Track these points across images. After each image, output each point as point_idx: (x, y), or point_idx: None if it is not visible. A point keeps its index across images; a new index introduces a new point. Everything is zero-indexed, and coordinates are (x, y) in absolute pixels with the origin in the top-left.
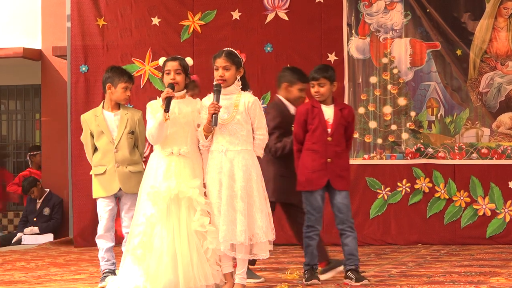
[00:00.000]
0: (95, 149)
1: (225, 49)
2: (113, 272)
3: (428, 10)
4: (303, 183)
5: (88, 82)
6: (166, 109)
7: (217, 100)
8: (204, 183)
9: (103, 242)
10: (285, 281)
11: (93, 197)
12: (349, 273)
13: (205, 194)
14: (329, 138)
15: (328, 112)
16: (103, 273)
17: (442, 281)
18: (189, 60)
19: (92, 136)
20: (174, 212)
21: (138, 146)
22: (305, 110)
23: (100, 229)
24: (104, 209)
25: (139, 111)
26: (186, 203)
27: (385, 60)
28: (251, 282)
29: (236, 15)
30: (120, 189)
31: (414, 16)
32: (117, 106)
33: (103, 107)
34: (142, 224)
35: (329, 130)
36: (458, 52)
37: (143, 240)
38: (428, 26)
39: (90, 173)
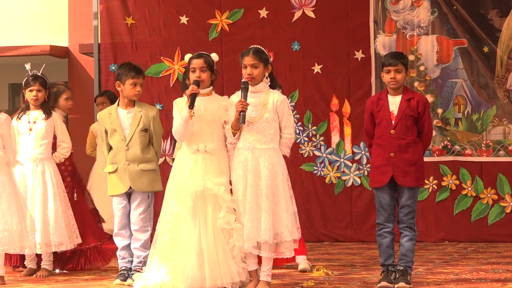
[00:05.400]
0: (111, 147)
1: (252, 46)
2: (129, 270)
3: (454, 7)
4: (371, 179)
5: None
6: (191, 106)
7: (245, 97)
8: (230, 180)
9: (119, 240)
10: (312, 278)
11: (108, 195)
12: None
13: (231, 191)
14: (392, 131)
15: (394, 103)
16: (119, 271)
17: (469, 278)
18: (214, 56)
19: (106, 133)
20: (200, 209)
21: (153, 144)
22: (370, 103)
23: (115, 227)
24: (117, 206)
25: (154, 108)
26: (212, 200)
27: (411, 57)
28: None
29: (263, 13)
30: (130, 187)
31: (440, 13)
32: (132, 103)
33: (118, 104)
34: (169, 222)
35: (393, 122)
36: (485, 49)
37: (170, 237)
38: (454, 23)
39: (104, 171)
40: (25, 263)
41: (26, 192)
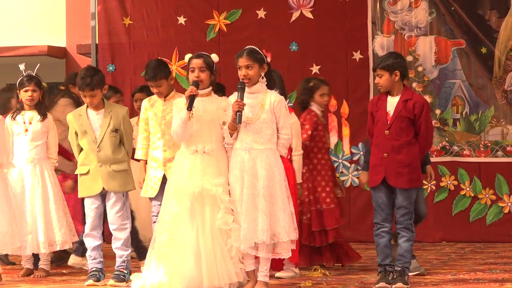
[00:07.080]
0: (81, 149)
1: (246, 47)
2: (100, 271)
3: (452, 8)
4: (368, 179)
5: (115, 82)
6: (189, 108)
7: (241, 97)
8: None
9: (90, 241)
10: (309, 278)
11: (78, 196)
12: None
13: (229, 192)
14: (386, 132)
15: (392, 103)
16: (90, 272)
17: (466, 279)
18: (214, 57)
19: (77, 135)
20: (198, 210)
21: (124, 144)
22: (371, 103)
23: (87, 227)
24: (90, 207)
25: (124, 108)
26: (210, 201)
27: (410, 58)
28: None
29: (261, 13)
30: (104, 188)
31: (438, 13)
32: (102, 104)
33: (87, 106)
34: (167, 222)
35: (388, 122)
36: (483, 50)
37: (168, 238)
38: (452, 24)
39: (75, 173)
40: (22, 263)
41: (24, 192)
